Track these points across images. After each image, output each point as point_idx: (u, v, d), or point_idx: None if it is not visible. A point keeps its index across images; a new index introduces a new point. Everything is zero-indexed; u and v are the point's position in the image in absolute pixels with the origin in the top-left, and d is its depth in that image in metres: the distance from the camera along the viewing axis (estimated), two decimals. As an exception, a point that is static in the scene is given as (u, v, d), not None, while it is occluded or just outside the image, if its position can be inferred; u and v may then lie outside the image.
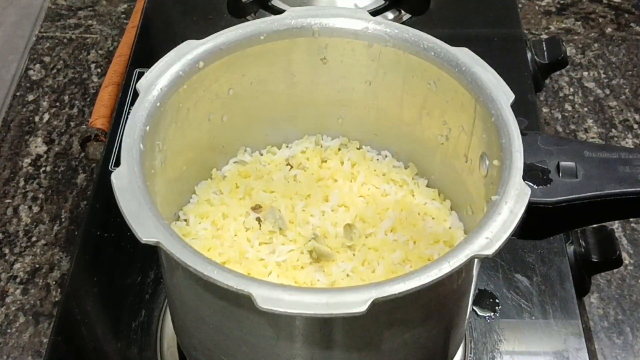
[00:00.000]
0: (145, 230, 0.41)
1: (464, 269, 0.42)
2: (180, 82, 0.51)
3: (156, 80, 0.49)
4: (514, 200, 0.43)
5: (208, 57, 0.52)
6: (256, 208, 0.55)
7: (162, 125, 0.50)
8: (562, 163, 0.48)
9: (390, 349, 0.46)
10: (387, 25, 0.54)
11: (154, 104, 0.49)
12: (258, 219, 0.54)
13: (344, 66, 0.56)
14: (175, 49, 0.51)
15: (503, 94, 0.48)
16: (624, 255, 0.78)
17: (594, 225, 0.67)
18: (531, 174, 0.47)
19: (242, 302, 0.40)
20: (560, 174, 0.47)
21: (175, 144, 0.52)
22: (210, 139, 0.56)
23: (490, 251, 0.41)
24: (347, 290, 0.40)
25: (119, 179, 0.44)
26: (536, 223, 0.47)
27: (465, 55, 0.51)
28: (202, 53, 0.51)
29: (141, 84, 0.49)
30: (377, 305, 0.39)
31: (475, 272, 0.47)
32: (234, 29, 0.53)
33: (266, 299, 0.38)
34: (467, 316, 0.52)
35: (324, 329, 0.43)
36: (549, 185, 0.47)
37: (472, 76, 0.50)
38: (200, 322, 0.47)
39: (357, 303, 0.38)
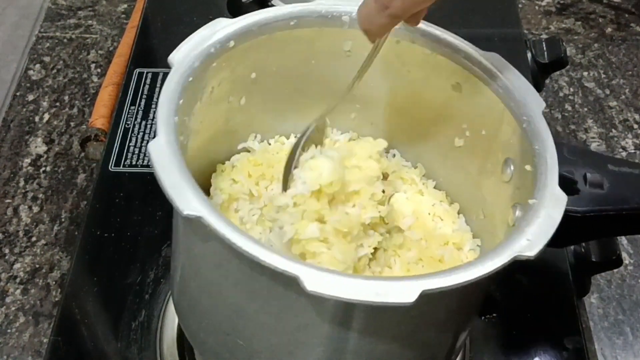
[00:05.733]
0: (187, 203, 0.40)
1: (502, 269, 0.41)
2: (211, 60, 0.49)
3: (189, 54, 0.48)
4: (552, 205, 0.43)
5: (239, 36, 0.50)
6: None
7: (191, 101, 0.48)
8: (589, 174, 0.48)
9: (418, 344, 0.46)
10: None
11: (186, 78, 0.47)
12: None
13: (367, 61, 0.55)
14: (207, 26, 0.50)
15: (534, 101, 0.48)
16: (624, 255, 0.78)
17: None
18: (559, 182, 0.47)
19: (281, 284, 0.39)
20: (588, 185, 0.47)
21: (196, 122, 0.50)
22: (226, 122, 0.54)
23: (532, 252, 0.41)
24: (394, 280, 0.39)
25: (156, 150, 0.42)
26: (563, 231, 0.47)
27: (496, 61, 0.50)
28: (234, 32, 0.50)
29: (174, 57, 0.47)
30: (420, 298, 0.38)
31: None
32: (266, 11, 0.52)
33: (314, 282, 0.37)
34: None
35: (358, 317, 0.42)
36: (576, 195, 0.47)
37: (502, 82, 0.49)
38: (220, 303, 0.46)
39: (406, 293, 0.38)
